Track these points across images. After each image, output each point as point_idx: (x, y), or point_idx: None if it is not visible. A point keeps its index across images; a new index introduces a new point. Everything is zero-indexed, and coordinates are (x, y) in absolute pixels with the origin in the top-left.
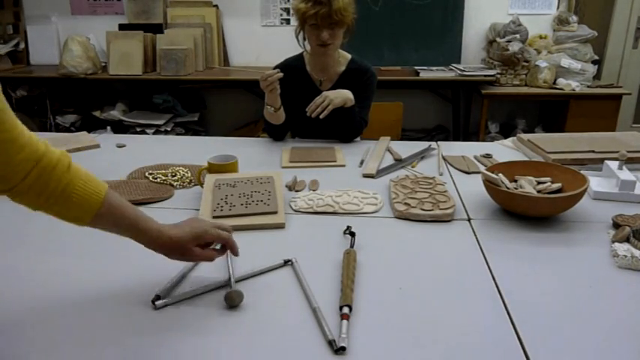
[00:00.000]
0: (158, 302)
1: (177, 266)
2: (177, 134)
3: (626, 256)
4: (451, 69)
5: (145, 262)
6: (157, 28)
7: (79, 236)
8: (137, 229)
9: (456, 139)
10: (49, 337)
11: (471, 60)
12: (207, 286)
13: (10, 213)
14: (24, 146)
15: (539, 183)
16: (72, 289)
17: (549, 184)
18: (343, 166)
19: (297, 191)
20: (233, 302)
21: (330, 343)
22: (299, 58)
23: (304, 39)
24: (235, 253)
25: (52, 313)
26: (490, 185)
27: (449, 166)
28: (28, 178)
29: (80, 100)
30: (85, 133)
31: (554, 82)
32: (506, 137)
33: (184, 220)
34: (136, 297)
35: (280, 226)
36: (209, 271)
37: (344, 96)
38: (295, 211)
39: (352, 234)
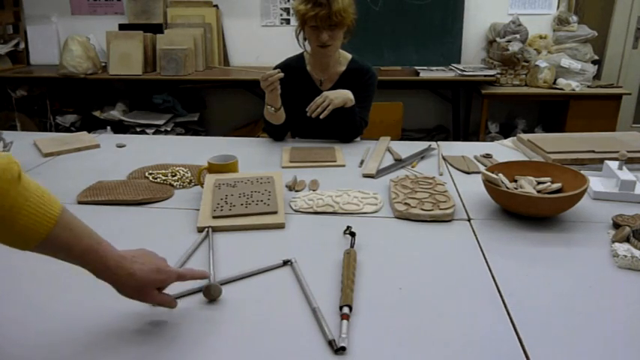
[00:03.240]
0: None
1: (172, 264)
2: (178, 134)
3: (626, 256)
4: (451, 69)
5: None
6: (157, 28)
7: None
8: (92, 256)
9: (456, 139)
10: (48, 335)
11: (471, 60)
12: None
13: None
14: None
15: (539, 183)
16: (71, 288)
17: (549, 184)
18: (343, 166)
19: (297, 191)
20: (211, 296)
21: (330, 343)
22: (299, 58)
23: (304, 39)
24: (203, 276)
25: (51, 312)
26: (490, 185)
27: (449, 166)
28: None
29: (80, 100)
30: (85, 133)
31: (554, 82)
32: (506, 137)
33: (139, 252)
34: None
35: (280, 226)
36: (205, 268)
37: (344, 96)
38: (295, 211)
39: (352, 234)
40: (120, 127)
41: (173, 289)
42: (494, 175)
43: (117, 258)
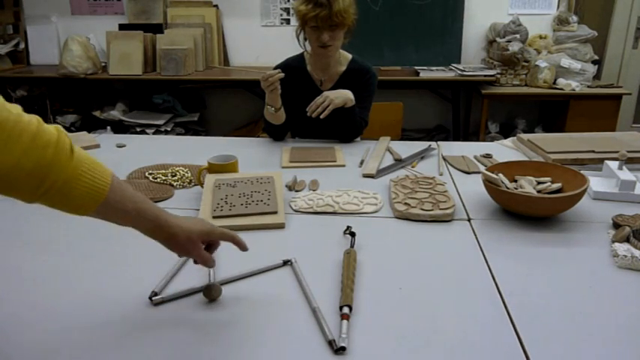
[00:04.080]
0: (155, 298)
1: (172, 264)
2: (178, 134)
3: (626, 256)
4: (451, 69)
5: (141, 261)
6: (157, 28)
7: (79, 236)
8: (143, 217)
9: (456, 139)
10: (49, 335)
11: (471, 60)
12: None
13: (10, 213)
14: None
15: (539, 183)
16: (72, 287)
17: (549, 184)
18: (343, 166)
19: (297, 191)
20: (211, 296)
21: (330, 343)
22: (299, 58)
23: (305, 39)
24: (244, 247)
25: (52, 312)
26: (490, 185)
27: (449, 166)
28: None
29: (80, 100)
30: (85, 133)
31: (554, 82)
32: (506, 137)
33: (186, 217)
34: (133, 294)
35: (280, 226)
36: (205, 268)
37: (344, 96)
38: (295, 211)
39: (352, 234)
40: (120, 127)
41: (173, 288)
42: (494, 175)
43: (165, 216)
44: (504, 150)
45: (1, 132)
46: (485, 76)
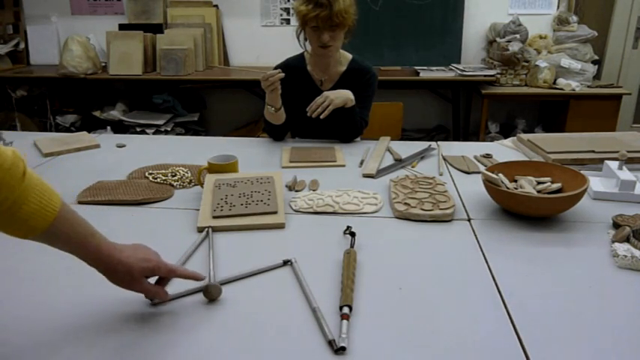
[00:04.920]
0: (155, 299)
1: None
2: (177, 134)
3: (626, 256)
4: (451, 69)
5: None
6: (157, 28)
7: None
8: (85, 246)
9: (456, 139)
10: (49, 334)
11: (471, 60)
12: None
13: None
14: None
15: (539, 183)
16: (72, 287)
17: (549, 184)
18: (343, 166)
19: (297, 191)
20: (211, 296)
21: (330, 343)
22: (300, 58)
23: (305, 39)
24: (199, 277)
25: (52, 312)
26: (490, 185)
27: (449, 166)
28: None
29: (80, 100)
30: (85, 133)
31: (554, 82)
32: (506, 137)
33: (133, 246)
34: (133, 294)
35: (280, 226)
36: (205, 268)
37: (344, 96)
38: (295, 211)
39: (352, 234)
40: (120, 127)
41: (173, 288)
42: (494, 175)
43: (108, 248)
44: (504, 150)
45: None
46: (485, 76)
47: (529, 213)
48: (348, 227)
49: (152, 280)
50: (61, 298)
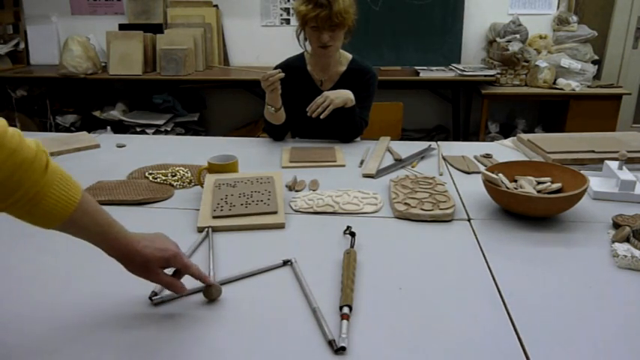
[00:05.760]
0: (155, 298)
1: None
2: (178, 134)
3: (626, 256)
4: (451, 69)
5: None
6: (157, 28)
7: None
8: (104, 237)
9: (456, 139)
10: (50, 334)
11: (471, 60)
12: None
13: None
14: None
15: (539, 183)
16: (72, 287)
17: (549, 184)
18: (343, 166)
19: (297, 191)
20: (211, 296)
21: (330, 343)
22: (300, 58)
23: (305, 39)
24: (207, 281)
25: (52, 312)
26: (490, 185)
27: (449, 166)
28: None
29: (80, 100)
30: (85, 133)
31: (554, 82)
32: (506, 137)
33: (153, 235)
34: (133, 294)
35: (280, 226)
36: (204, 268)
37: (344, 96)
38: (295, 211)
39: (352, 234)
40: (120, 127)
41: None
42: (494, 175)
43: (126, 238)
44: (504, 150)
45: None
46: (485, 76)
47: (529, 213)
48: (348, 227)
49: (169, 271)
50: (61, 298)
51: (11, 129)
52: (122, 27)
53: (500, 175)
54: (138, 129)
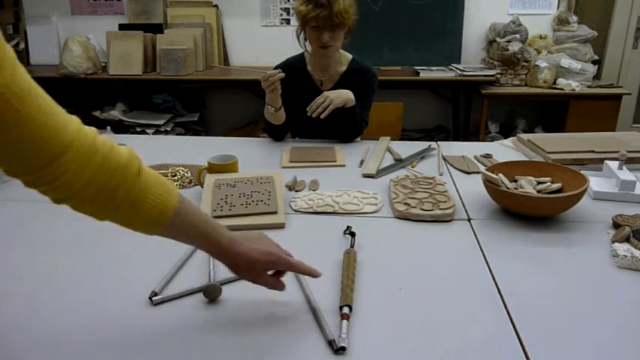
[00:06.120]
0: (155, 298)
1: (172, 264)
2: (178, 134)
3: (626, 256)
4: (451, 69)
5: (141, 261)
6: (157, 28)
7: (79, 236)
8: (207, 240)
9: (456, 139)
10: (50, 334)
11: (471, 60)
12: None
13: (11, 213)
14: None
15: (539, 183)
16: (72, 287)
17: (549, 184)
18: (343, 166)
19: (297, 191)
20: (211, 296)
21: (330, 343)
22: (300, 58)
23: (305, 39)
24: (315, 274)
25: (52, 312)
26: (490, 185)
27: (449, 166)
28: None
29: (80, 100)
30: None
31: (554, 82)
32: (506, 137)
33: (255, 235)
34: (133, 294)
35: (280, 226)
36: (205, 268)
37: (345, 96)
38: (295, 211)
39: (352, 234)
40: (120, 127)
41: (173, 288)
42: (494, 175)
43: (229, 242)
44: (504, 150)
45: (80, 156)
46: (485, 76)
47: (529, 213)
48: (348, 227)
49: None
50: (61, 298)
51: (102, 137)
52: (122, 27)
53: (500, 175)
54: (138, 129)
